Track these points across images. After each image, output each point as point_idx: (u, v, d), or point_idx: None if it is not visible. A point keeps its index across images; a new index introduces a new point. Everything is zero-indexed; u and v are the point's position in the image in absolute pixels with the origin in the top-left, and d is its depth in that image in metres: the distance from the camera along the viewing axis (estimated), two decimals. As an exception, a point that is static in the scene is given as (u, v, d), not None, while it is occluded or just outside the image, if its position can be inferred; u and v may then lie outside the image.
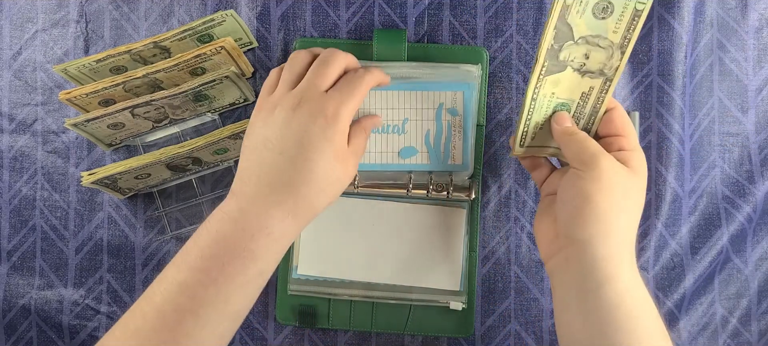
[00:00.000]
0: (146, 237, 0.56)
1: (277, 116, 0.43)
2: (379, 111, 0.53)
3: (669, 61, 0.55)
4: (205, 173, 0.56)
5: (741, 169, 0.56)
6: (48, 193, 0.57)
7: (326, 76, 0.44)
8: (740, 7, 0.56)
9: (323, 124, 0.42)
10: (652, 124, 0.55)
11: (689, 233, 0.56)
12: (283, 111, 0.43)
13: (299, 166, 0.42)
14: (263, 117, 0.44)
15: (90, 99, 0.51)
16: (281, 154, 0.42)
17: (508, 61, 0.56)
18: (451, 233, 0.54)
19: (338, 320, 0.54)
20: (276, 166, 0.42)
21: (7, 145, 0.57)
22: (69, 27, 0.57)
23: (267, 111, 0.44)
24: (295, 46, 0.55)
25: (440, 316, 0.54)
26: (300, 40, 0.55)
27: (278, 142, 0.42)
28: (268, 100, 0.45)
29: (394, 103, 0.53)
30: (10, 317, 0.56)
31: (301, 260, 0.54)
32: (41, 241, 0.57)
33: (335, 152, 0.43)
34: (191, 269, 0.41)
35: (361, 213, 0.54)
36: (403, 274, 0.54)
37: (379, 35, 0.54)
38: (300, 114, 0.42)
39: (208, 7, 0.56)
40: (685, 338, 0.55)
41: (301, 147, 0.42)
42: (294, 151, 0.42)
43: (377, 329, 0.55)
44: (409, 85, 0.53)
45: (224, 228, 0.42)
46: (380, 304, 0.54)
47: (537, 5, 0.56)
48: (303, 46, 0.55)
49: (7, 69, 0.57)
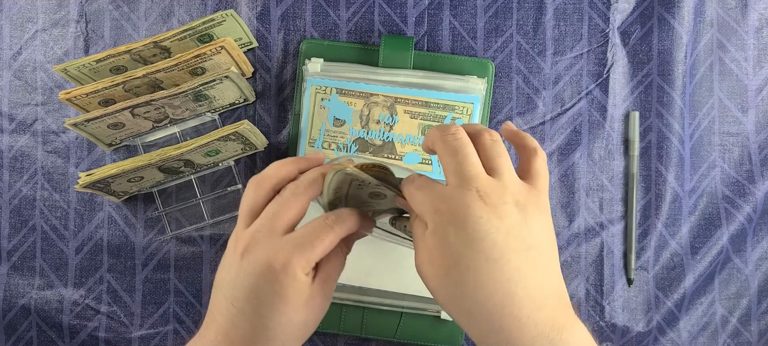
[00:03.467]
0: (146, 237, 0.56)
1: (231, 259, 0.37)
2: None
3: (669, 61, 0.55)
4: (205, 173, 0.56)
5: (741, 169, 0.56)
6: (48, 193, 0.57)
7: (282, 219, 0.37)
8: (740, 7, 0.56)
9: (271, 279, 0.35)
10: (652, 124, 0.55)
11: (689, 232, 0.56)
12: (234, 256, 0.37)
13: (254, 324, 0.36)
14: (227, 251, 0.38)
15: (90, 99, 0.51)
16: (234, 305, 0.36)
17: (508, 61, 0.56)
18: None
19: (329, 323, 0.54)
20: (232, 319, 0.37)
21: (7, 145, 0.57)
22: (69, 27, 0.57)
23: (228, 249, 0.38)
24: (301, 48, 0.55)
25: (430, 325, 0.54)
26: (307, 42, 0.55)
27: (231, 290, 0.37)
28: (233, 232, 0.39)
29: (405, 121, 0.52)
30: (10, 317, 0.56)
31: None
32: (41, 241, 0.57)
33: (292, 304, 0.36)
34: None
35: None
36: (396, 280, 0.53)
37: (387, 41, 0.54)
38: (246, 264, 0.36)
39: (208, 7, 0.56)
40: (685, 338, 0.55)
41: (250, 304, 0.36)
42: (245, 307, 0.36)
43: (367, 334, 0.54)
44: (421, 91, 0.53)
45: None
46: (371, 309, 0.54)
47: (537, 5, 0.56)
48: (309, 48, 0.55)
49: (7, 69, 0.57)
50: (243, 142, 0.52)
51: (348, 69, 0.54)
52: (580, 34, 0.56)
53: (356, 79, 0.54)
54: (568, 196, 0.55)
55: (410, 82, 0.53)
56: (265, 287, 0.35)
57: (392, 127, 0.54)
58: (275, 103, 0.56)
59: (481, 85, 0.53)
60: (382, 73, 0.54)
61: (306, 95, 0.54)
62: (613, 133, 0.56)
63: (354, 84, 0.53)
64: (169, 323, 0.56)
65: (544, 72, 0.56)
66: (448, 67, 0.55)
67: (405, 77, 0.54)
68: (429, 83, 0.53)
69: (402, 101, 0.53)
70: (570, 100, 0.56)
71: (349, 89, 0.53)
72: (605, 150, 0.56)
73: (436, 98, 0.53)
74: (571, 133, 0.56)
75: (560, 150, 0.56)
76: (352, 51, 0.55)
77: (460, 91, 0.53)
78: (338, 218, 0.38)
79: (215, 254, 0.56)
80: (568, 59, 0.56)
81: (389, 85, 0.53)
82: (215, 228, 0.56)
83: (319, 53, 0.55)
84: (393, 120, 0.53)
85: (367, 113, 0.54)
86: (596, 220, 0.55)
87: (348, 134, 0.54)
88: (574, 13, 0.56)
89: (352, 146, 0.54)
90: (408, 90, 0.53)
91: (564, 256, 0.55)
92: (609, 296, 0.55)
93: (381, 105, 0.53)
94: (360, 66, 0.54)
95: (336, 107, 0.54)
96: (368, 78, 0.54)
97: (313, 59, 0.54)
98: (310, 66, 0.54)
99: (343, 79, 0.54)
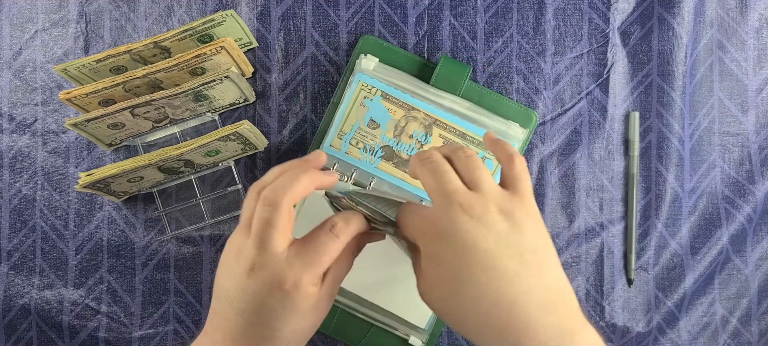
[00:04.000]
0: (146, 237, 0.56)
1: (235, 270, 0.37)
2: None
3: (669, 61, 0.55)
4: (205, 173, 0.56)
5: (741, 169, 0.56)
6: (48, 193, 0.57)
7: (278, 230, 0.36)
8: (740, 7, 0.56)
9: (282, 298, 0.36)
10: (652, 124, 0.55)
11: (689, 233, 0.56)
12: (239, 270, 0.37)
13: (261, 332, 0.37)
14: (226, 260, 0.38)
15: (90, 99, 0.51)
16: (241, 316, 0.37)
17: (508, 61, 0.56)
18: None
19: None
20: (239, 326, 0.37)
21: (7, 145, 0.57)
22: (69, 27, 0.57)
23: (229, 254, 0.38)
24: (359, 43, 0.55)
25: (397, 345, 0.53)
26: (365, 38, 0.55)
27: (238, 303, 0.37)
28: (234, 238, 0.39)
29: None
30: (10, 317, 0.56)
31: None
32: (41, 241, 0.57)
33: (302, 313, 0.37)
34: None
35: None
36: (374, 292, 0.52)
37: (445, 62, 0.54)
38: (254, 282, 0.36)
39: (208, 7, 0.56)
40: (685, 338, 0.55)
41: (259, 316, 0.36)
42: (253, 318, 0.36)
43: (333, 334, 0.54)
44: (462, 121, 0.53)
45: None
46: (343, 312, 0.53)
47: (537, 5, 0.56)
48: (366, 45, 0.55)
49: (7, 69, 0.57)
50: (243, 143, 0.52)
51: (399, 77, 0.54)
52: (580, 34, 0.56)
53: (404, 88, 0.53)
54: (569, 196, 0.55)
55: (454, 109, 0.53)
56: (276, 305, 0.36)
57: (423, 146, 0.53)
58: (275, 103, 0.56)
59: (522, 134, 0.53)
60: (431, 92, 0.54)
61: (350, 88, 0.53)
62: (613, 133, 0.56)
63: (400, 93, 0.53)
64: (169, 324, 0.56)
65: (544, 72, 0.56)
66: (495, 107, 0.54)
67: (451, 103, 0.53)
68: (471, 116, 0.53)
69: (440, 125, 0.53)
70: (570, 101, 0.56)
71: (394, 96, 0.53)
72: (605, 150, 0.56)
73: (474, 133, 0.53)
74: (572, 134, 0.56)
75: (560, 150, 0.56)
76: (408, 61, 0.55)
77: (499, 133, 0.53)
78: (345, 224, 0.38)
79: (215, 254, 0.56)
80: (568, 59, 0.56)
81: (433, 106, 0.53)
82: (215, 228, 0.56)
83: (375, 52, 0.55)
84: (426, 139, 0.53)
85: (403, 125, 0.53)
86: (596, 220, 0.55)
87: (378, 139, 0.53)
88: (574, 13, 0.56)
89: (379, 151, 0.53)
90: (450, 116, 0.53)
91: (564, 256, 0.55)
92: (609, 296, 0.55)
93: (419, 121, 0.53)
94: (412, 78, 0.54)
95: (376, 109, 0.53)
96: (416, 92, 0.53)
97: (369, 56, 0.54)
98: (364, 62, 0.54)
99: (391, 84, 0.53)
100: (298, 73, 0.56)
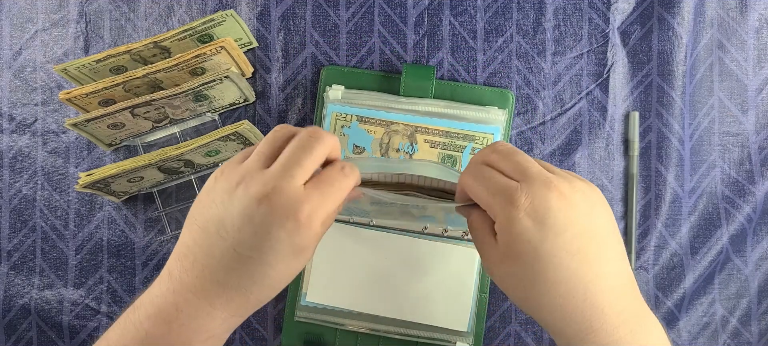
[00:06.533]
0: (146, 237, 0.56)
1: (238, 200, 0.34)
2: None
3: (669, 61, 0.55)
4: (205, 174, 0.56)
5: (741, 169, 0.56)
6: (48, 193, 0.57)
7: (305, 168, 0.35)
8: (740, 7, 0.56)
9: (292, 230, 0.34)
10: (652, 124, 0.55)
11: (689, 233, 0.56)
12: (247, 198, 0.34)
13: (254, 269, 0.35)
14: (222, 191, 0.35)
15: (90, 99, 0.51)
16: (234, 250, 0.34)
17: (508, 61, 0.56)
18: (463, 272, 0.53)
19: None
20: (227, 262, 0.34)
21: (7, 145, 0.57)
22: (69, 27, 0.57)
23: (229, 184, 0.35)
24: (322, 74, 0.55)
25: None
26: (327, 69, 0.55)
27: (234, 233, 0.34)
28: (236, 169, 0.36)
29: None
30: (10, 317, 0.56)
31: (310, 286, 0.53)
32: (41, 241, 0.57)
33: (301, 251, 0.35)
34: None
35: (373, 244, 0.53)
36: (411, 309, 0.52)
37: (408, 70, 0.54)
38: (265, 210, 0.33)
39: (208, 7, 0.56)
40: (685, 338, 0.55)
41: (260, 250, 0.34)
42: (251, 252, 0.34)
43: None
44: (441, 121, 0.53)
45: (156, 330, 0.35)
46: (386, 338, 0.53)
47: (537, 5, 0.56)
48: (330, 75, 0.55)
49: (7, 69, 0.57)
50: (243, 143, 0.52)
51: (369, 97, 0.54)
52: (580, 34, 0.56)
53: (377, 107, 0.54)
54: (568, 196, 0.55)
55: (431, 111, 0.53)
56: (284, 237, 0.34)
57: (412, 156, 0.53)
58: (275, 103, 0.56)
59: (502, 116, 0.53)
60: (403, 102, 0.54)
61: (326, 122, 0.54)
62: (613, 133, 0.56)
63: (375, 112, 0.53)
64: (169, 323, 0.56)
65: (544, 72, 0.56)
66: (469, 97, 0.54)
67: (425, 106, 0.53)
68: (449, 113, 0.53)
69: (422, 130, 0.53)
70: (570, 101, 0.56)
71: (370, 117, 0.53)
72: (605, 150, 0.56)
73: (457, 128, 0.53)
74: (571, 134, 0.56)
75: (560, 150, 0.56)
76: (373, 79, 0.55)
77: (480, 121, 0.53)
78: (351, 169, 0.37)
79: (215, 254, 0.56)
80: (568, 59, 0.56)
81: (410, 114, 0.53)
82: (215, 228, 0.56)
83: (339, 80, 0.55)
84: (413, 149, 0.53)
85: (387, 141, 0.53)
86: (596, 220, 0.55)
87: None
88: (574, 13, 0.56)
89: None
90: (428, 119, 0.53)
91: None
92: (609, 296, 0.55)
93: (401, 133, 0.53)
94: (381, 94, 0.54)
95: (356, 135, 0.54)
96: (389, 106, 0.54)
97: (334, 86, 0.54)
98: (331, 93, 0.54)
99: (363, 106, 0.54)
100: (298, 73, 0.56)
